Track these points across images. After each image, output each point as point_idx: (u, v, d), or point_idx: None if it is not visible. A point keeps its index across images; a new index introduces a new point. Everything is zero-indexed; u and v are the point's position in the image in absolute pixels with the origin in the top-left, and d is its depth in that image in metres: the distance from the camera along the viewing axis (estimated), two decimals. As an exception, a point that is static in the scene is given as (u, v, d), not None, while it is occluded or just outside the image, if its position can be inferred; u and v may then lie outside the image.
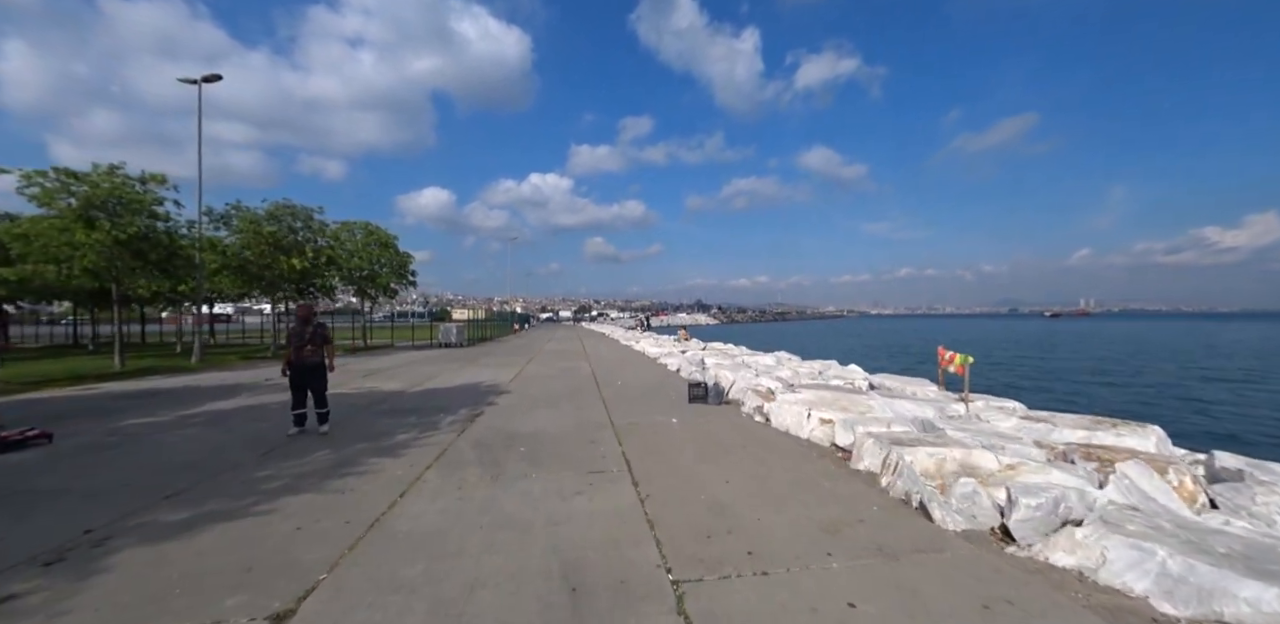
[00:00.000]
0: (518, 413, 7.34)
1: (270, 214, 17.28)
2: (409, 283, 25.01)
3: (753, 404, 7.30)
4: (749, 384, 8.56)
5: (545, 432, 6.15)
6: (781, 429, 6.26)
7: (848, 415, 5.92)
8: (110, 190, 12.18)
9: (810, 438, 5.86)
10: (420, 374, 12.33)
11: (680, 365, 12.47)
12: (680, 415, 7.06)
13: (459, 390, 9.66)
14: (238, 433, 6.18)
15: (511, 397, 8.85)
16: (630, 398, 8.60)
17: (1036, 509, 3.13)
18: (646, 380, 10.84)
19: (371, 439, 5.82)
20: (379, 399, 8.74)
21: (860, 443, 4.83)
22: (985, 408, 6.83)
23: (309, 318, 6.20)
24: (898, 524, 3.34)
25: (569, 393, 9.20)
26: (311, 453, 5.23)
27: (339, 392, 9.58)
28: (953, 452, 4.27)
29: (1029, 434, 5.64)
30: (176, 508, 3.69)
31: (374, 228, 23.61)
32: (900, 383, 8.86)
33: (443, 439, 5.78)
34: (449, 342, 23.66)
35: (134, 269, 13.31)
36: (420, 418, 7.06)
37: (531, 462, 4.86)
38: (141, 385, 10.84)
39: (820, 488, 4.07)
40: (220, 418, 7.14)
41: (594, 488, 4.10)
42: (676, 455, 5.07)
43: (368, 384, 10.62)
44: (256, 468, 4.69)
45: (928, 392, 8.08)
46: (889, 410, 6.45)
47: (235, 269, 17.26)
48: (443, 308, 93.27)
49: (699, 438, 5.79)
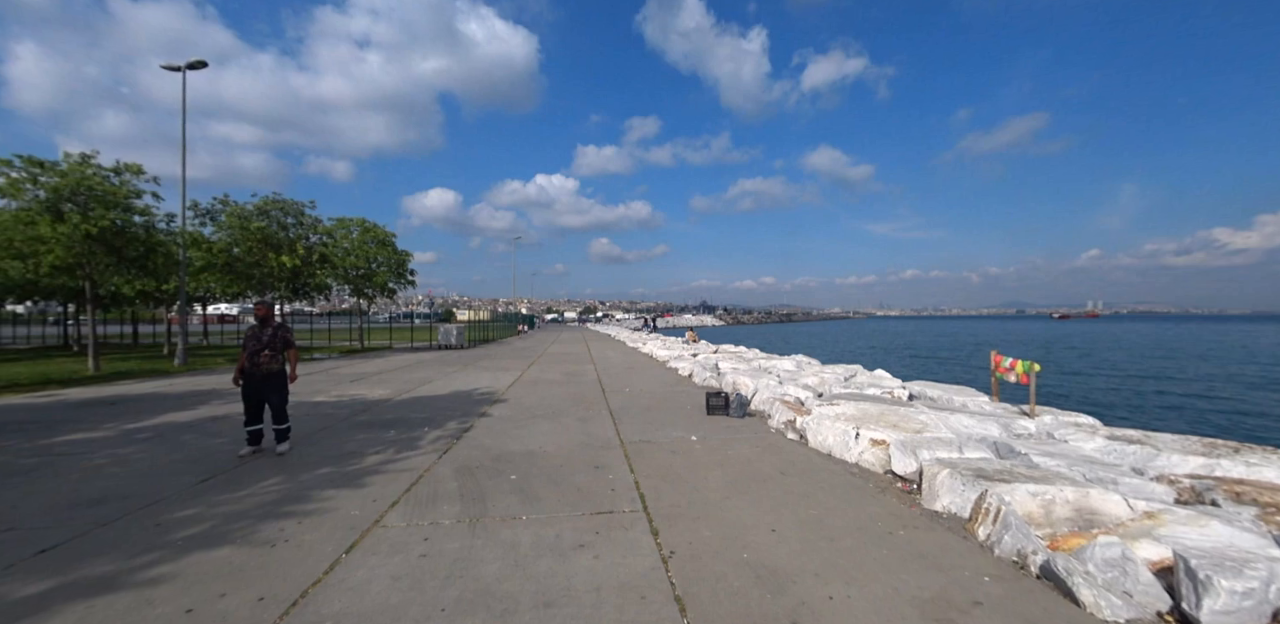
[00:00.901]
0: (513, 427, 6.41)
1: (259, 209, 16.44)
2: (408, 282, 24.14)
3: (782, 418, 6.34)
4: (774, 393, 7.61)
5: (543, 452, 5.21)
6: (822, 450, 5.30)
7: (902, 435, 4.97)
8: (79, 180, 11.34)
9: (859, 463, 4.90)
10: (412, 379, 11.43)
11: (693, 370, 11.52)
12: (699, 431, 6.12)
13: (450, 399, 8.73)
14: (183, 452, 5.27)
15: (508, 406, 7.92)
16: (641, 408, 7.66)
17: (1244, 597, 2.17)
18: (657, 387, 9.90)
19: (337, 461, 4.90)
20: (360, 408, 7.83)
21: (931, 474, 3.88)
22: (1056, 424, 5.85)
23: (268, 318, 5.29)
24: (1029, 609, 2.38)
25: (572, 402, 8.26)
26: (258, 481, 4.31)
27: (317, 399, 8.69)
28: (1062, 491, 3.31)
29: (1123, 459, 4.67)
30: (39, 573, 2.75)
31: (371, 225, 22.75)
32: (943, 391, 7.88)
33: (420, 462, 4.86)
34: (449, 343, 22.80)
35: (108, 266, 12.47)
36: (401, 433, 6.14)
37: (523, 495, 3.92)
38: (107, 391, 9.97)
39: (896, 541, 3.11)
40: (172, 432, 6.24)
41: (601, 538, 3.16)
42: (702, 486, 4.12)
43: (352, 390, 9.71)
44: (182, 504, 3.77)
45: (980, 403, 7.10)
46: (944, 426, 5.49)
47: (222, 267, 16.42)
48: (448, 309, 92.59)
49: (726, 462, 4.85)
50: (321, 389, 9.91)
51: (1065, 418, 6.05)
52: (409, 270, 24.02)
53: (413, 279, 24.23)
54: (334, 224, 21.95)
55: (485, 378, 11.56)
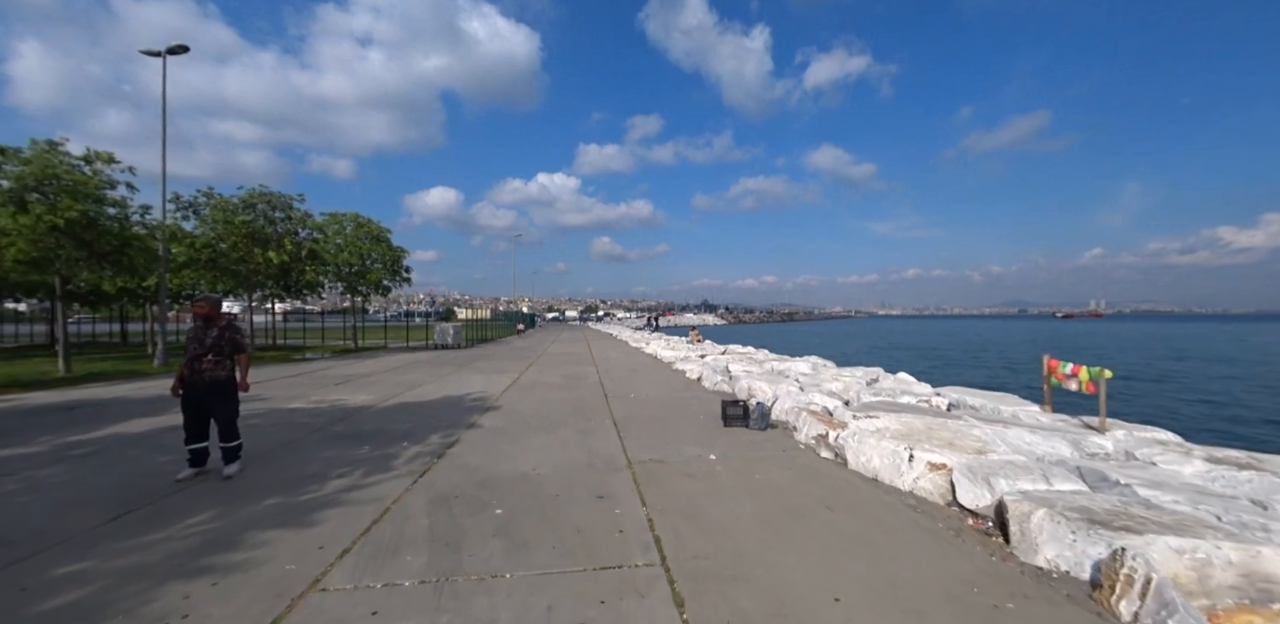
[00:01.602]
0: (504, 442, 5.62)
1: (244, 202, 15.67)
2: (403, 280, 23.35)
3: (811, 431, 5.55)
4: (798, 402, 6.81)
5: (536, 475, 4.42)
6: (865, 473, 4.50)
7: (964, 457, 4.17)
8: (44, 169, 10.56)
9: (914, 491, 4.10)
10: (401, 382, 10.64)
11: (701, 373, 10.73)
12: (718, 447, 5.32)
13: (439, 406, 7.95)
14: (115, 474, 4.49)
15: (501, 415, 7.13)
16: (648, 417, 6.87)
17: None
18: (664, 392, 9.10)
19: (291, 488, 4.11)
20: (338, 417, 7.05)
21: (1020, 513, 3.07)
22: (1134, 441, 5.04)
23: (213, 316, 4.49)
24: None
25: (573, 409, 7.47)
26: (186, 516, 3.52)
27: (293, 406, 7.91)
28: (1219, 548, 2.51)
29: (1236, 488, 3.86)
30: None
31: (365, 220, 21.97)
32: (985, 399, 7.08)
33: (390, 490, 4.07)
34: (445, 343, 22.04)
35: (77, 261, 11.69)
36: (375, 449, 5.35)
37: (509, 540, 3.13)
38: (72, 395, 9.21)
39: (1009, 618, 2.32)
40: (117, 446, 5.46)
41: (609, 612, 2.36)
42: (731, 527, 3.33)
43: (334, 395, 8.93)
44: (77, 552, 2.99)
45: (1033, 414, 6.29)
46: (1002, 443, 4.70)
47: (206, 263, 15.64)
48: (448, 308, 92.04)
49: (756, 490, 4.05)
50: (301, 394, 9.13)
51: (1141, 433, 5.25)
52: (404, 267, 23.24)
53: (408, 276, 23.45)
54: (326, 219, 21.18)
55: (479, 381, 10.78)
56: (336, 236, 21.20)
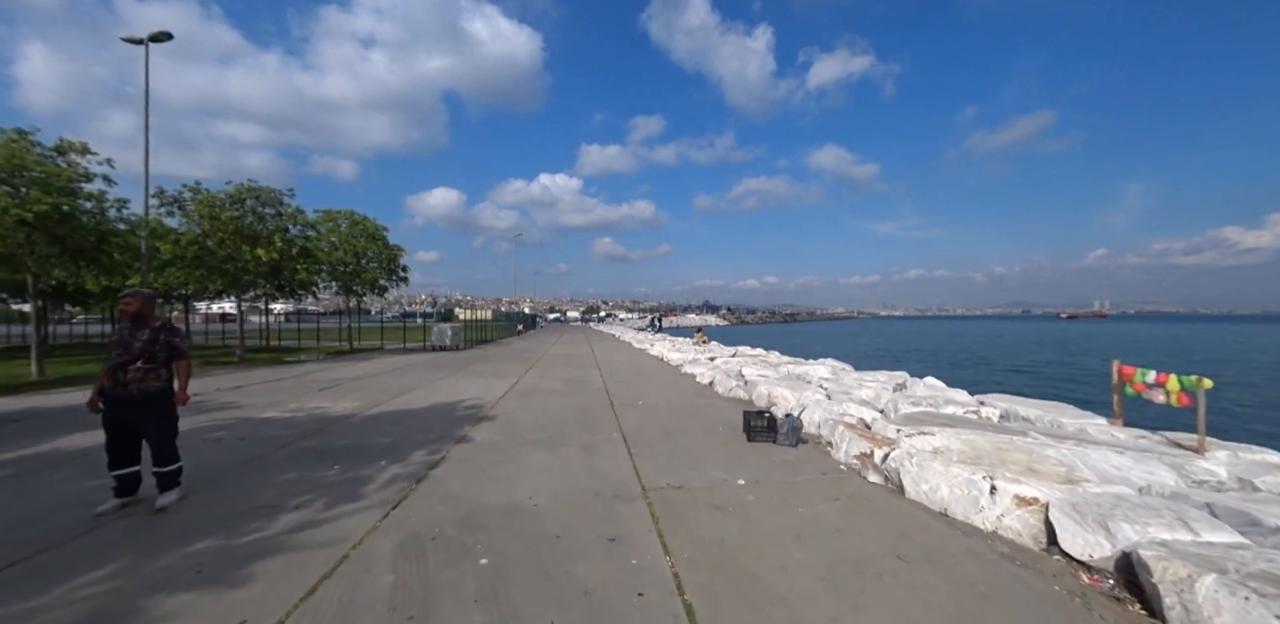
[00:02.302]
0: (496, 460, 4.86)
1: (232, 197, 14.95)
2: (400, 279, 22.57)
3: (852, 449, 4.77)
4: (830, 413, 6.04)
5: (532, 508, 3.66)
6: (931, 505, 3.72)
7: (1057, 489, 3.39)
8: (9, 158, 9.85)
9: (999, 531, 3.32)
10: (391, 387, 9.89)
11: (714, 378, 9.95)
12: (745, 468, 4.55)
13: (428, 415, 7.19)
14: (23, 505, 3.73)
15: (496, 426, 6.37)
16: (660, 429, 6.10)
17: None
18: (675, 399, 8.33)
19: (232, 526, 3.35)
20: (314, 428, 6.30)
21: (1180, 581, 2.29)
22: (1244, 465, 4.25)
23: (143, 316, 3.73)
24: None
25: (575, 420, 6.71)
26: (85, 570, 2.77)
27: (267, 415, 7.16)
28: None
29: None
30: None
31: (360, 217, 21.22)
32: (1039, 410, 6.29)
33: (351, 529, 3.30)
34: (443, 345, 21.31)
35: (49, 257, 10.98)
36: (347, 469, 4.60)
37: (494, 613, 2.37)
38: (27, 403, 8.48)
39: None
40: (44, 468, 4.71)
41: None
42: (782, 588, 2.56)
43: (315, 402, 8.18)
44: (-81, 627, 2.24)
45: (1105, 429, 5.50)
46: (1082, 466, 3.93)
47: (192, 261, 14.92)
48: (449, 308, 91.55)
49: (803, 530, 3.27)
50: (280, 401, 8.39)
51: (1249, 454, 4.45)
52: (402, 267, 22.48)
53: (405, 276, 22.69)
54: (320, 216, 20.46)
55: (475, 386, 10.02)
56: (331, 234, 20.46)
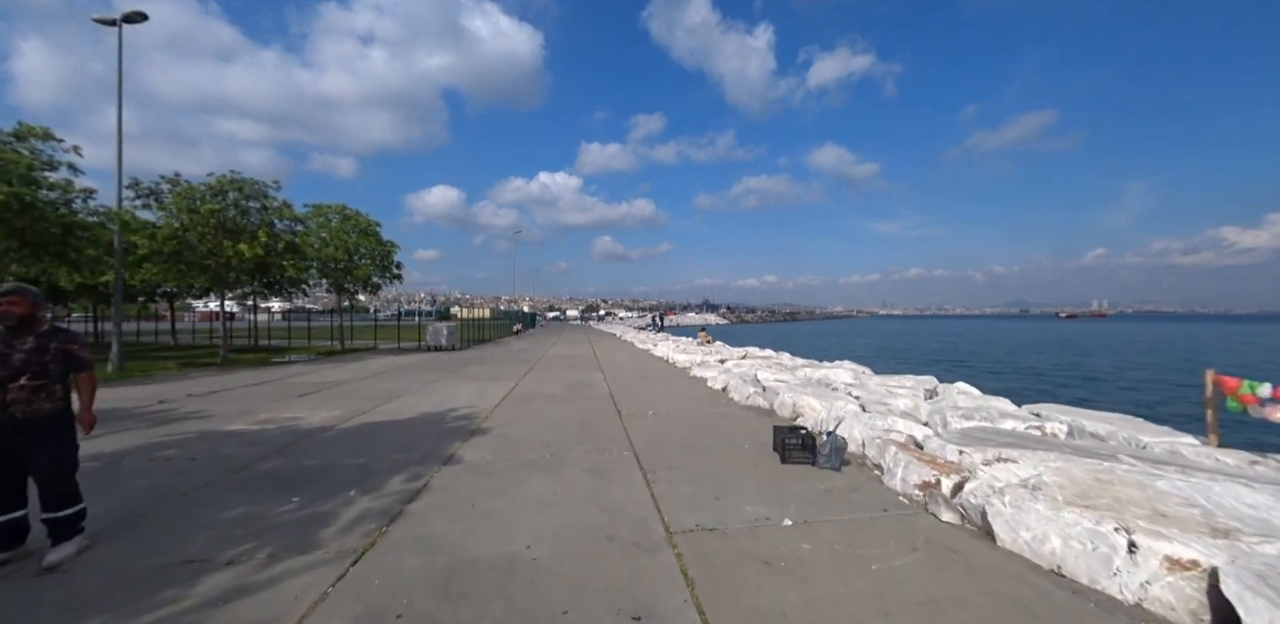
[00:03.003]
0: (488, 489, 4.07)
1: (212, 189, 14.11)
2: (393, 277, 21.72)
3: (911, 476, 3.99)
4: (872, 428, 5.26)
5: (531, 564, 2.87)
6: (1036, 559, 2.94)
7: (1207, 544, 2.62)
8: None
9: (1142, 603, 2.54)
10: (378, 392, 9.10)
11: (728, 382, 9.16)
12: (789, 501, 3.76)
13: (413, 427, 6.40)
14: (-111, 557, 2.95)
15: (489, 442, 5.58)
16: (678, 445, 5.31)
17: None
18: (689, 407, 7.54)
19: (136, 595, 2.56)
20: (280, 445, 5.50)
21: None
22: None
23: (30, 320, 2.93)
24: None
25: (579, 433, 5.92)
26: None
27: (232, 427, 6.36)
28: None
29: None
30: None
31: (352, 212, 20.38)
32: (1107, 424, 5.51)
33: (290, 602, 2.51)
34: (438, 345, 20.50)
35: (7, 251, 10.15)
36: (307, 502, 3.80)
37: None
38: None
39: None
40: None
41: None
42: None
43: (290, 412, 7.38)
44: None
45: (1203, 452, 4.72)
46: (1210, 504, 3.15)
47: (170, 256, 14.07)
48: (447, 306, 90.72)
49: (885, 598, 2.49)
50: (252, 409, 7.59)
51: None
52: (395, 263, 21.64)
53: (399, 273, 21.86)
54: (310, 211, 19.62)
55: (469, 391, 9.23)
56: (321, 230, 19.62)
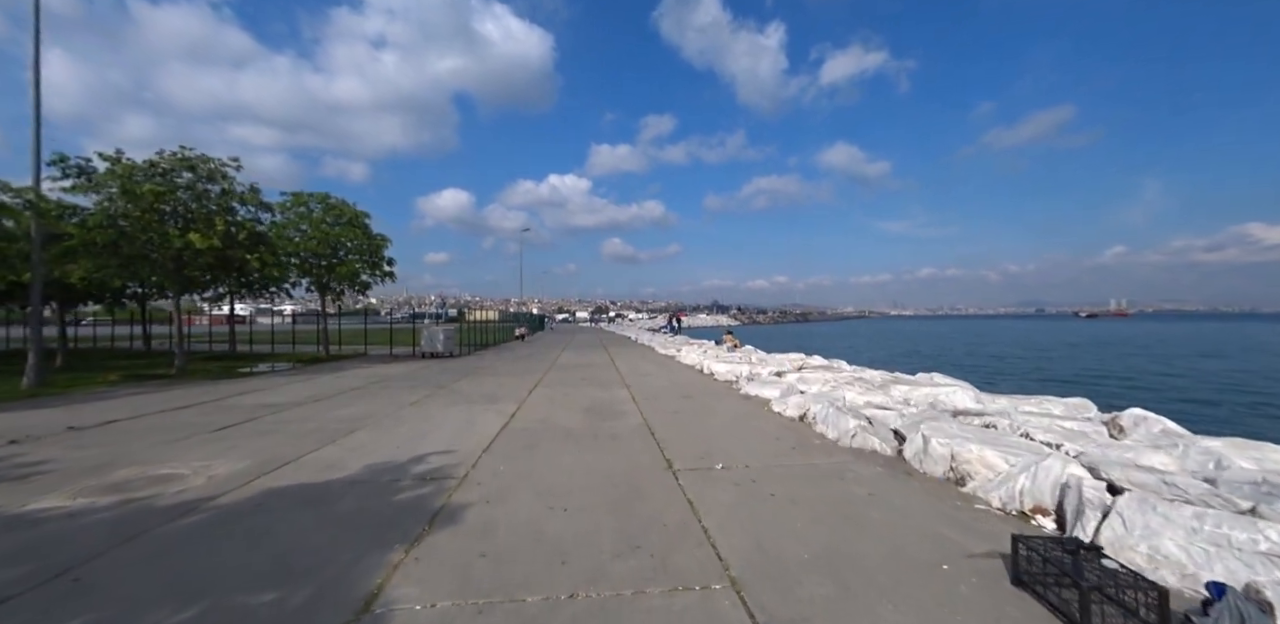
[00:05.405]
0: None
1: (156, 166, 11.75)
2: (384, 274, 19.26)
3: None
4: (1235, 551, 2.61)
5: None
6: None
7: None
8: None
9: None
10: (325, 425, 6.59)
11: (811, 410, 6.51)
12: None
13: (338, 504, 3.84)
14: None
15: (453, 551, 3.00)
16: (812, 564, 2.69)
17: None
18: (772, 455, 4.89)
19: None
20: (58, 564, 2.98)
21: None
22: None
23: None
24: None
25: (617, 520, 3.32)
26: None
27: (34, 506, 3.82)
28: None
29: None
30: None
31: (336, 201, 18.00)
32: None
33: None
34: (434, 351, 17.99)
35: None
36: None
37: None
38: None
39: None
40: None
41: None
42: None
43: (169, 466, 4.85)
44: None
45: None
46: None
47: (104, 248, 11.70)
48: (459, 309, 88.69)
49: None
50: (119, 457, 5.08)
51: None
52: (387, 259, 19.20)
53: (391, 270, 19.42)
54: (288, 199, 17.27)
55: (453, 421, 6.70)
56: (301, 221, 17.24)
